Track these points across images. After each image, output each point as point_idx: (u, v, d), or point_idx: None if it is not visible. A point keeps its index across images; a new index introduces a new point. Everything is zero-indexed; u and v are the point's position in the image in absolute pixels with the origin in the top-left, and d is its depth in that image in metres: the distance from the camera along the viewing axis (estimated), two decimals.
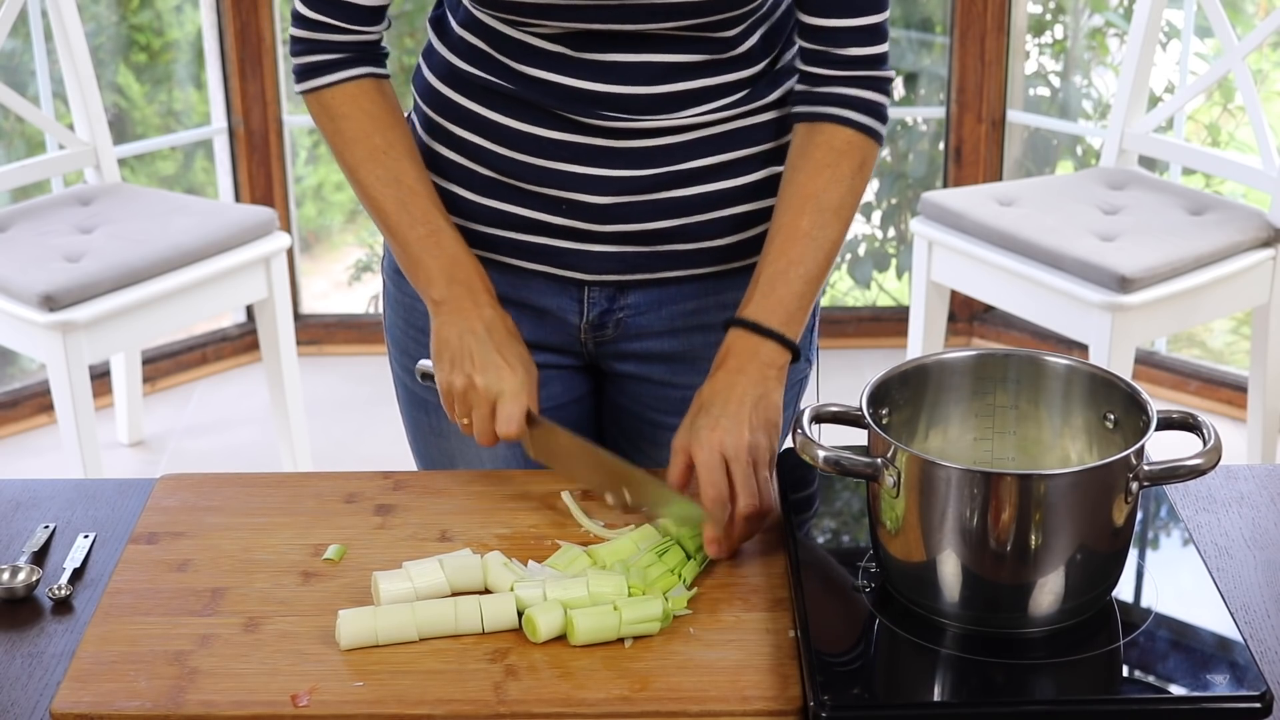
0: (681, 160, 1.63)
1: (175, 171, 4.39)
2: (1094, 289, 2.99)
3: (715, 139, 1.63)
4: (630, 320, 1.70)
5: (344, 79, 1.62)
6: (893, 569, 1.36)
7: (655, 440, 1.75)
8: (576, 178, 1.62)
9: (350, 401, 3.80)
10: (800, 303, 1.57)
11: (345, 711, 1.28)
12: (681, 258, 1.67)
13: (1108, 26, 4.19)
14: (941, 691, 1.29)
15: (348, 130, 1.62)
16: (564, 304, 1.69)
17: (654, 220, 1.64)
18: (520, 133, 1.62)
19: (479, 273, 1.60)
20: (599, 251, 1.65)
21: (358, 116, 1.62)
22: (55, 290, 2.95)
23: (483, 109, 1.63)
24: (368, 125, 1.61)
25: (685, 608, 1.39)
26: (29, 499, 1.60)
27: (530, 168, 1.63)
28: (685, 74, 1.59)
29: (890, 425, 1.40)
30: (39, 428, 3.70)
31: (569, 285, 1.68)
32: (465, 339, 1.57)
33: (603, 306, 1.69)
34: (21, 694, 1.32)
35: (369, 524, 1.53)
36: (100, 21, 4.10)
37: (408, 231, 1.60)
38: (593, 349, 1.73)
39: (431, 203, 1.61)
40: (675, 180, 1.63)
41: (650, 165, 1.62)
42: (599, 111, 1.59)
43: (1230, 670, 1.26)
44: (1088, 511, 1.29)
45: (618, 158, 1.61)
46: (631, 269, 1.67)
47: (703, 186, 1.64)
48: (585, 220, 1.64)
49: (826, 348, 4.03)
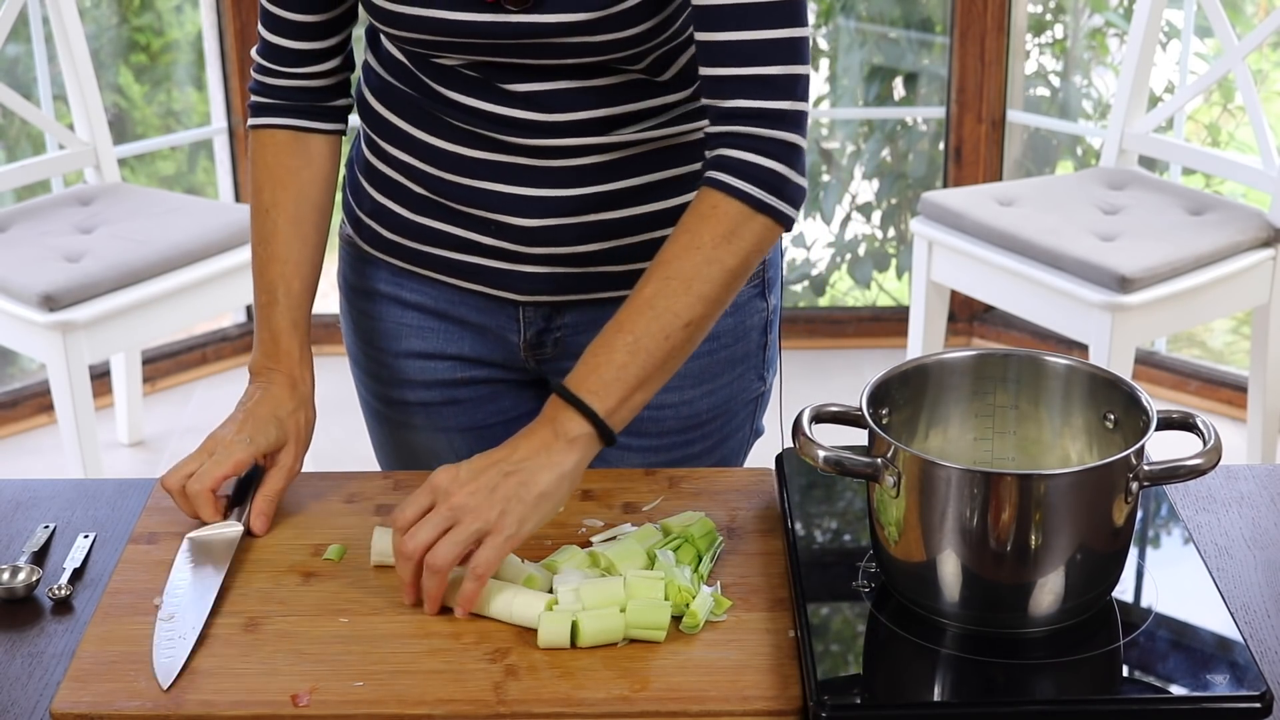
0: (609, 180, 1.58)
1: (175, 171, 4.39)
2: (1094, 289, 2.99)
3: (643, 158, 1.59)
4: (569, 339, 1.68)
5: (265, 124, 1.63)
6: (893, 569, 1.36)
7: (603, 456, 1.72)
8: (503, 198, 1.59)
9: (350, 401, 3.77)
10: (620, 374, 1.40)
11: (345, 711, 1.28)
12: (614, 279, 1.64)
13: (1108, 26, 4.19)
14: (941, 691, 1.29)
15: (252, 178, 1.64)
16: (502, 322, 1.69)
17: (583, 244, 1.61)
18: (447, 152, 1.60)
19: (290, 351, 1.61)
20: (530, 272, 1.63)
21: (258, 168, 1.63)
22: (55, 290, 2.95)
23: (411, 127, 1.62)
24: (262, 178, 1.63)
25: (720, 613, 1.38)
26: (29, 499, 1.60)
27: (458, 187, 1.61)
28: (607, 98, 1.55)
29: (890, 425, 1.39)
30: (39, 428, 3.70)
31: (505, 304, 1.67)
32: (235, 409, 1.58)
33: (539, 326, 1.68)
34: (21, 694, 1.32)
35: (369, 524, 1.53)
36: (101, 23, 4.11)
37: (256, 296, 1.63)
38: (535, 365, 1.72)
39: (282, 272, 1.62)
40: (603, 202, 1.59)
41: (578, 185, 1.58)
42: (521, 134, 1.56)
43: (1230, 670, 1.26)
44: (1088, 511, 1.29)
45: (544, 177, 1.58)
46: (564, 290, 1.64)
47: (632, 209, 1.60)
48: (513, 242, 1.61)
49: (827, 348, 4.03)
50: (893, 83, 4.16)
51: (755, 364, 1.72)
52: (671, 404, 1.68)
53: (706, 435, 1.72)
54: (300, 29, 1.60)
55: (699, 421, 1.71)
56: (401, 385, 1.74)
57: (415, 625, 1.38)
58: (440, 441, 1.74)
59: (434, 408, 1.73)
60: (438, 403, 1.73)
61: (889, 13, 4.12)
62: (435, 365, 1.72)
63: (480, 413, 1.74)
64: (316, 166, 1.64)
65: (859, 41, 4.14)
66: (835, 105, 4.24)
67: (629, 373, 1.41)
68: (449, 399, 1.73)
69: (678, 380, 1.64)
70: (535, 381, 1.75)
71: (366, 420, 1.83)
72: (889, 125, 4.21)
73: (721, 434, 1.73)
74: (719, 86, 1.44)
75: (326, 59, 1.62)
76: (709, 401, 1.70)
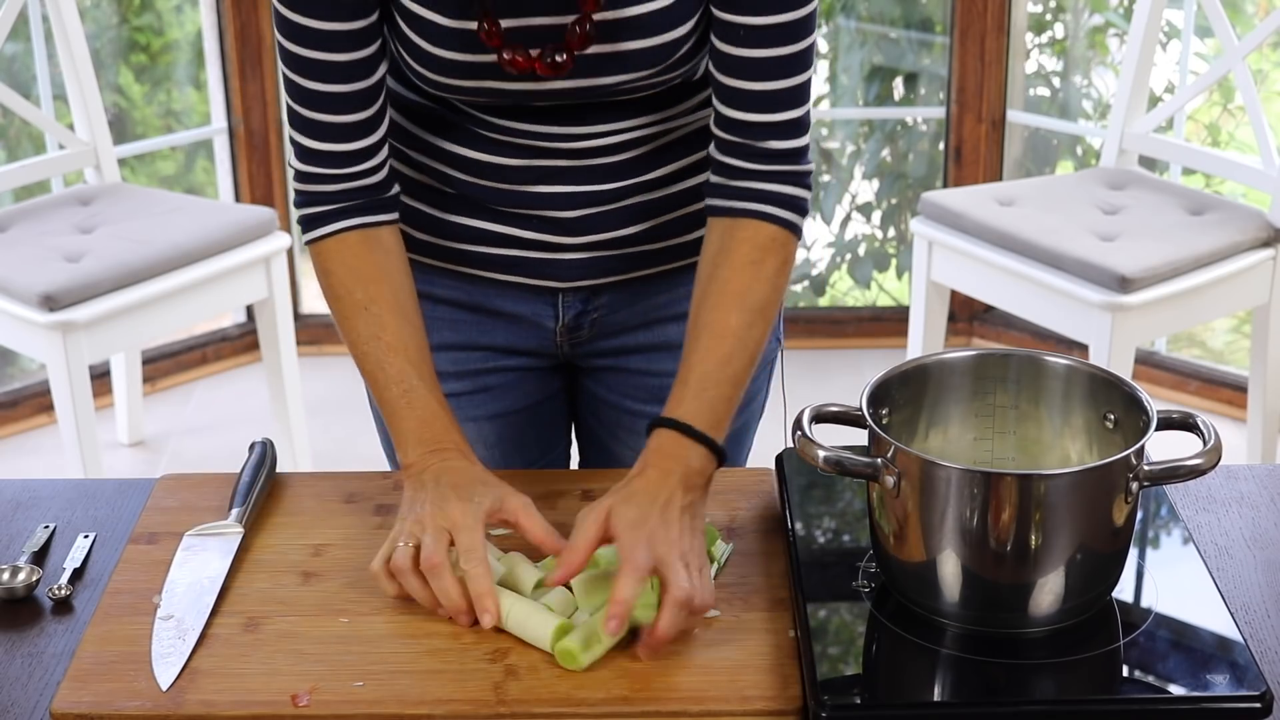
0: (649, 170, 1.62)
1: (175, 171, 4.39)
2: (1094, 289, 2.99)
3: (680, 143, 1.63)
4: (605, 319, 1.70)
5: (331, 232, 1.56)
6: (893, 569, 1.36)
7: (632, 429, 1.75)
8: (544, 196, 1.61)
9: (350, 401, 3.79)
10: (729, 407, 1.49)
11: (345, 711, 1.28)
12: (653, 256, 1.67)
13: (1108, 26, 4.19)
14: (941, 691, 1.29)
15: (333, 286, 1.56)
16: (539, 310, 1.69)
17: (625, 226, 1.63)
18: (481, 162, 1.60)
19: (448, 430, 1.51)
20: (572, 260, 1.65)
21: (340, 272, 1.55)
22: (55, 290, 2.95)
23: (440, 140, 1.62)
24: (349, 280, 1.55)
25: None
26: (29, 499, 1.60)
27: (496, 191, 1.62)
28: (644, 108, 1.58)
29: (890, 425, 1.39)
30: (39, 428, 3.70)
31: (543, 293, 1.68)
32: (419, 494, 1.45)
33: (577, 309, 1.69)
34: (21, 694, 1.32)
35: (369, 524, 1.53)
36: (100, 23, 4.11)
37: (383, 391, 1.54)
38: (568, 350, 1.73)
39: (408, 360, 1.53)
40: (643, 187, 1.62)
41: (616, 179, 1.61)
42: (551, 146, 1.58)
43: (1230, 670, 1.26)
44: (1088, 511, 1.29)
45: (582, 175, 1.60)
46: (605, 273, 1.66)
47: (670, 188, 1.64)
48: (557, 234, 1.63)
49: (827, 348, 4.03)
50: (893, 83, 4.16)
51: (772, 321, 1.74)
52: None
53: None
54: (346, 131, 1.54)
55: None
56: None
57: (415, 625, 1.38)
58: (469, 430, 1.73)
59: (464, 397, 1.73)
60: (468, 392, 1.73)
61: (889, 13, 4.12)
62: (468, 356, 1.72)
63: (508, 398, 1.74)
64: (395, 255, 1.58)
65: (859, 41, 4.14)
66: (835, 105, 4.24)
67: (733, 405, 1.50)
68: (480, 387, 1.73)
69: None
70: (560, 366, 1.76)
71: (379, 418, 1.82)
72: (889, 125, 4.21)
73: (749, 392, 1.74)
74: (753, 130, 1.52)
75: (375, 154, 1.56)
76: None
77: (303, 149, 1.55)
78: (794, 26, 1.49)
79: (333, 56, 1.50)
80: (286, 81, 1.54)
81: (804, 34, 1.50)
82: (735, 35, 1.49)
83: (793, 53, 1.50)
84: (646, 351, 1.72)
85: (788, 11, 1.48)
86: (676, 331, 1.69)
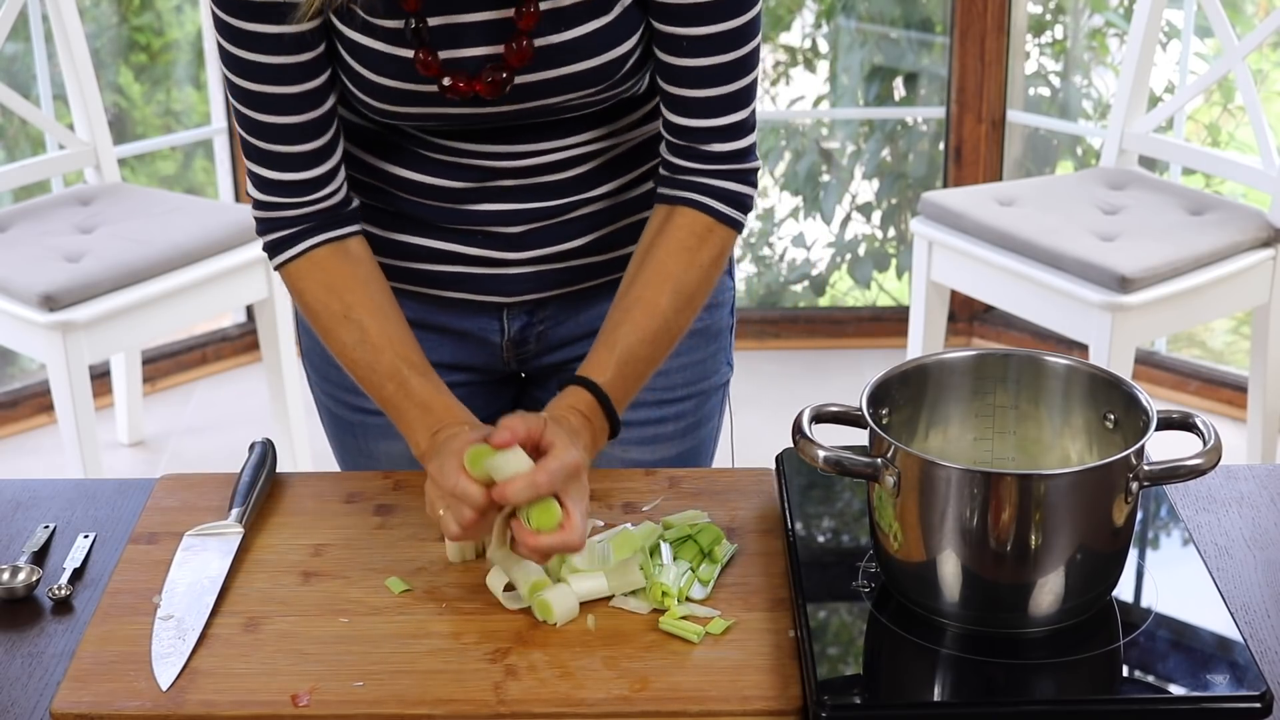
0: (591, 186, 1.62)
1: (175, 171, 4.39)
2: (1094, 289, 2.99)
3: (623, 157, 1.63)
4: (550, 332, 1.71)
5: (299, 253, 1.57)
6: (893, 569, 1.36)
7: None
8: (488, 214, 1.61)
9: None
10: (638, 386, 1.55)
11: (345, 711, 1.29)
12: (598, 268, 1.67)
13: (1108, 26, 4.19)
14: (941, 691, 1.29)
15: (310, 304, 1.58)
16: (484, 325, 1.69)
17: (569, 240, 1.64)
18: (425, 184, 1.60)
19: (450, 409, 1.52)
20: (516, 274, 1.65)
21: (314, 290, 1.57)
22: (55, 290, 2.95)
23: (383, 163, 1.61)
24: (324, 295, 1.56)
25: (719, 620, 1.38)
26: (29, 499, 1.60)
27: (441, 210, 1.62)
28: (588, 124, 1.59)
29: (890, 425, 1.39)
30: (39, 428, 3.70)
31: (487, 308, 1.68)
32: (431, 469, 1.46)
33: (523, 322, 1.69)
34: (21, 694, 1.32)
35: (369, 524, 1.53)
36: (101, 22, 4.11)
37: (379, 391, 1.54)
38: (515, 365, 1.74)
39: (396, 354, 1.54)
40: (588, 202, 1.63)
41: (561, 195, 1.61)
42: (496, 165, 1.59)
43: (1230, 670, 1.26)
44: (1088, 511, 1.29)
45: (527, 192, 1.60)
46: (549, 286, 1.67)
47: (615, 199, 1.64)
48: (501, 249, 1.63)
49: (827, 348, 4.03)
50: (893, 83, 4.16)
51: (725, 345, 1.76)
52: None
53: (680, 415, 1.74)
54: (302, 160, 1.54)
55: (672, 398, 1.73)
56: None
57: (415, 625, 1.38)
58: None
59: None
60: None
61: (889, 13, 4.12)
62: None
63: None
64: (366, 262, 1.59)
65: (859, 41, 4.14)
66: (835, 105, 4.24)
67: (642, 383, 1.55)
68: None
69: None
70: (508, 380, 1.77)
71: (333, 434, 1.81)
72: (889, 125, 4.21)
73: (695, 416, 1.74)
74: (698, 135, 1.55)
75: (333, 179, 1.57)
76: (682, 376, 1.72)
77: (260, 179, 1.56)
78: (735, 34, 1.50)
79: (283, 89, 1.51)
80: (238, 115, 1.54)
81: (747, 39, 1.51)
82: (678, 46, 1.51)
83: (736, 58, 1.51)
84: None
85: (728, 20, 1.49)
86: None
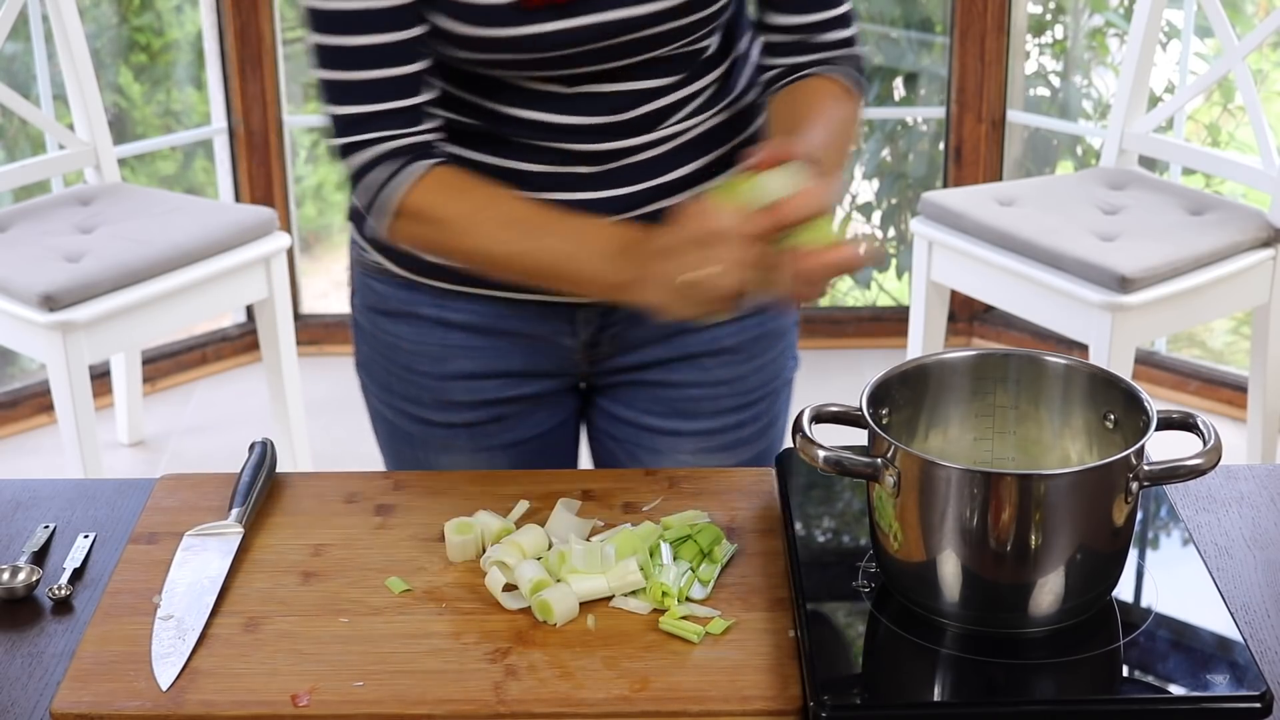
0: (662, 173, 1.62)
1: (175, 171, 4.39)
2: (1094, 289, 2.99)
3: (689, 146, 1.63)
4: (623, 334, 1.69)
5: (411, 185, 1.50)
6: (893, 569, 1.36)
7: (651, 446, 1.74)
8: (561, 205, 1.59)
9: (350, 401, 3.77)
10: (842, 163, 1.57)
11: (345, 711, 1.28)
12: None
13: (1108, 26, 4.19)
14: (941, 691, 1.29)
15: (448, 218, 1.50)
16: (557, 328, 1.68)
17: None
18: (498, 167, 1.59)
19: (613, 226, 1.49)
20: None
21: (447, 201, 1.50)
22: (55, 290, 2.95)
23: (458, 148, 1.60)
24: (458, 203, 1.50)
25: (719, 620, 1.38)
26: (29, 499, 1.60)
27: None
28: (656, 95, 1.59)
29: (890, 425, 1.39)
30: (39, 428, 3.70)
31: (560, 310, 1.67)
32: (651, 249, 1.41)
33: (596, 324, 1.68)
34: (21, 694, 1.32)
35: (369, 524, 1.53)
36: (100, 22, 4.11)
37: (543, 253, 1.48)
38: (587, 368, 1.72)
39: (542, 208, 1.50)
40: (659, 193, 1.62)
41: (632, 183, 1.61)
42: (575, 141, 1.57)
43: (1230, 670, 1.26)
44: (1088, 511, 1.29)
45: (600, 180, 1.60)
46: None
47: (685, 193, 1.63)
48: None
49: (827, 348, 4.03)
50: (893, 83, 4.16)
51: (791, 340, 1.77)
52: (726, 380, 1.69)
53: (757, 416, 1.74)
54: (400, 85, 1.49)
55: (751, 400, 1.73)
56: (446, 408, 1.72)
57: (415, 625, 1.38)
58: (481, 460, 1.73)
59: (478, 427, 1.72)
60: (483, 422, 1.72)
61: (889, 13, 4.12)
62: (484, 385, 1.70)
63: (521, 427, 1.73)
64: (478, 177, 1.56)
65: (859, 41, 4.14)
66: None
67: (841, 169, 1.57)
68: (495, 417, 1.72)
69: (730, 355, 1.69)
70: (576, 391, 1.75)
71: (389, 445, 1.80)
72: (889, 125, 4.21)
73: (769, 416, 1.74)
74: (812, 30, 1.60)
75: (430, 118, 1.52)
76: (758, 378, 1.71)
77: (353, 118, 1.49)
78: None
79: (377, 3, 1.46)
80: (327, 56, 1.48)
81: None
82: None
83: None
84: (666, 364, 1.71)
85: None
86: (695, 341, 1.69)
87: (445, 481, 1.61)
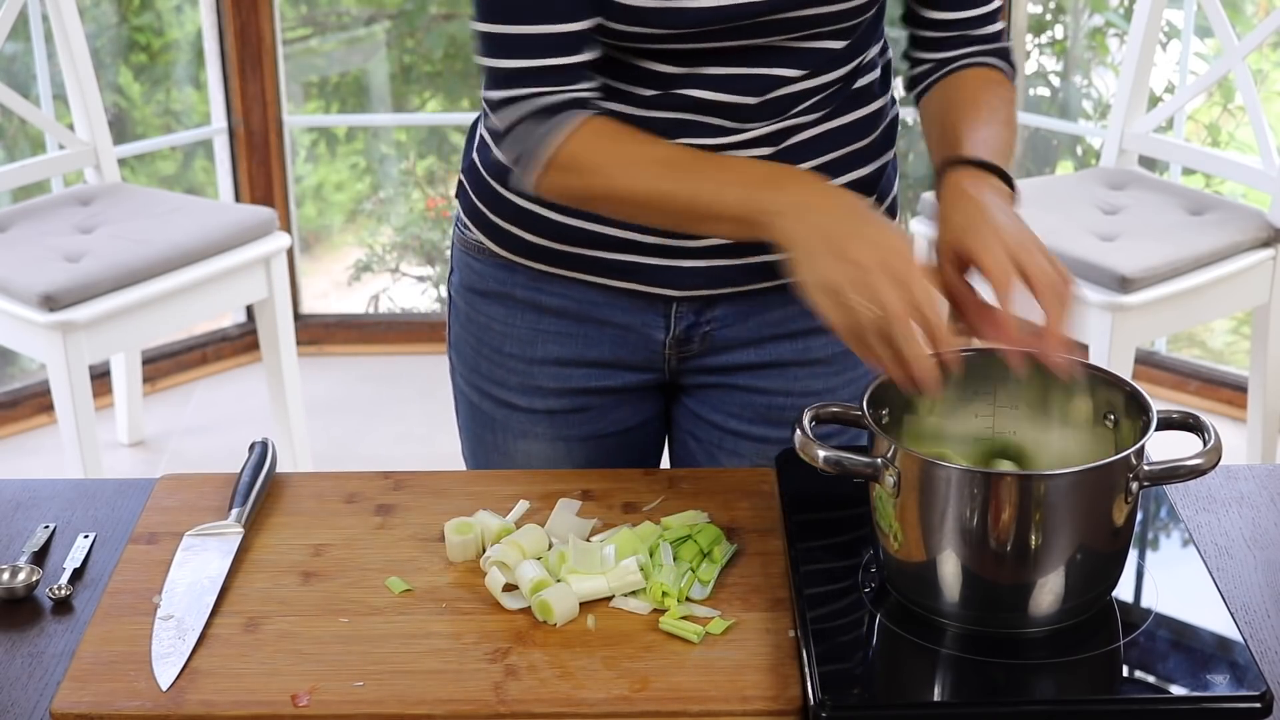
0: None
1: (175, 171, 4.39)
2: (1094, 289, 2.99)
3: (805, 145, 1.60)
4: (717, 333, 1.67)
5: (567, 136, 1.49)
6: (893, 569, 1.36)
7: (733, 450, 1.72)
8: None
9: (350, 401, 3.79)
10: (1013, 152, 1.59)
11: (345, 711, 1.28)
12: (771, 268, 1.60)
13: (1108, 26, 4.19)
14: (941, 691, 1.29)
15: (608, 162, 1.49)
16: (649, 320, 1.66)
17: None
18: None
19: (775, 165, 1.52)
20: (689, 267, 1.61)
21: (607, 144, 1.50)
22: (55, 290, 2.95)
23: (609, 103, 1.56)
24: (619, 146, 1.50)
25: (719, 620, 1.38)
26: (29, 499, 1.60)
27: None
28: (780, 84, 1.56)
29: (890, 425, 1.39)
30: (39, 428, 3.70)
31: (656, 301, 1.65)
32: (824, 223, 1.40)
33: (689, 321, 1.66)
34: (21, 694, 1.32)
35: (369, 524, 1.53)
36: (100, 22, 4.11)
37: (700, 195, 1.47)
38: (675, 365, 1.70)
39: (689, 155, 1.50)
40: None
41: None
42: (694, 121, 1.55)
43: (1230, 670, 1.26)
44: (1088, 511, 1.29)
45: None
46: (721, 283, 1.63)
47: None
48: (679, 236, 1.59)
49: None
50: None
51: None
52: (816, 391, 1.68)
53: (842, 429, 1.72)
54: (564, 42, 1.48)
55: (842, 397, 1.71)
56: (531, 393, 1.71)
57: (415, 625, 1.38)
58: (559, 449, 1.73)
59: (560, 415, 1.71)
60: (566, 410, 1.71)
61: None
62: (571, 372, 1.69)
63: (603, 421, 1.72)
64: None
65: None
66: None
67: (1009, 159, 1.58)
68: (579, 407, 1.71)
69: (822, 367, 1.68)
70: (661, 386, 1.73)
71: (470, 430, 1.79)
72: None
73: None
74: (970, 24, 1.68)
75: (592, 79, 1.51)
76: (848, 392, 1.70)
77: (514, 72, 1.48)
78: None
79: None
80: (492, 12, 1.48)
81: None
82: None
83: None
84: (755, 369, 1.69)
85: None
86: (788, 349, 1.67)
87: (445, 481, 1.61)
